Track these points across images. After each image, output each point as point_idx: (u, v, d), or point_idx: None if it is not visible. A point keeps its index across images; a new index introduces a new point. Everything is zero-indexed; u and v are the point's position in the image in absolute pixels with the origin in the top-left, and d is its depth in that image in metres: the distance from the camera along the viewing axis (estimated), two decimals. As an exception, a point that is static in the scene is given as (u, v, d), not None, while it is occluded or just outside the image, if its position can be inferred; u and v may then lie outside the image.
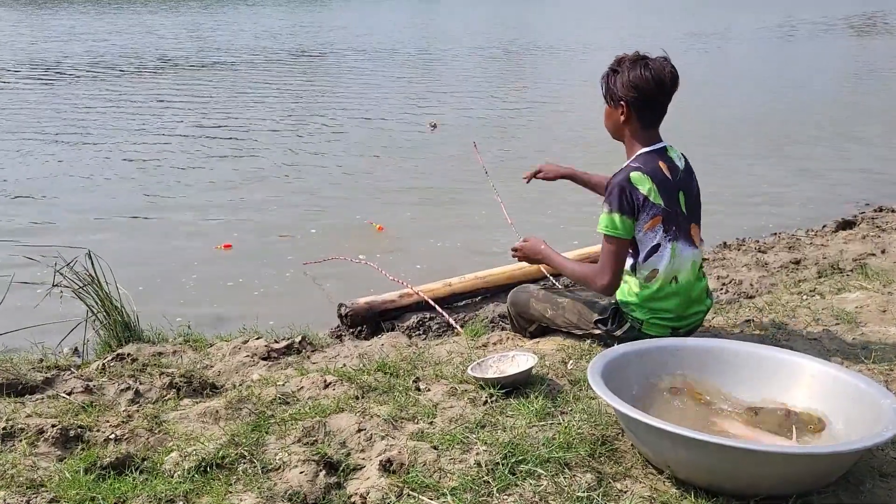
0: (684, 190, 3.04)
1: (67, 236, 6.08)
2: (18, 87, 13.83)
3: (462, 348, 3.34)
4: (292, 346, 3.37)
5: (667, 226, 2.97)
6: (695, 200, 3.11)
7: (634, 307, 3.07)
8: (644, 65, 2.95)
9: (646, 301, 3.03)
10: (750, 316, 3.70)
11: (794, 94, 13.47)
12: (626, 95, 2.97)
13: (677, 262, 3.00)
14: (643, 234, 2.98)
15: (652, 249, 2.98)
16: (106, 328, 3.53)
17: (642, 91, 2.94)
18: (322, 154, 9.11)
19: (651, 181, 2.94)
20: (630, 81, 2.94)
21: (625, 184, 2.94)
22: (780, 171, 8.41)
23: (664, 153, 3.05)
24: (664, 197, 2.96)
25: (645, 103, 2.96)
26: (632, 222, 2.97)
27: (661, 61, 2.98)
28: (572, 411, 2.61)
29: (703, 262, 3.24)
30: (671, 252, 2.98)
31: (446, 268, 5.32)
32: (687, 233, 3.03)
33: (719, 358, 2.64)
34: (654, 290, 3.01)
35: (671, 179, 3.00)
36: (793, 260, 5.11)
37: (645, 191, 2.93)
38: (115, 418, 2.61)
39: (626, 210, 2.94)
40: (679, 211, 3.01)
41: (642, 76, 2.93)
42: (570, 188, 4.26)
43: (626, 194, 2.93)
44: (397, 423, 2.55)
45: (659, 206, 2.95)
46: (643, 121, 3.01)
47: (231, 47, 20.10)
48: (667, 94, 2.98)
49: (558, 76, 15.72)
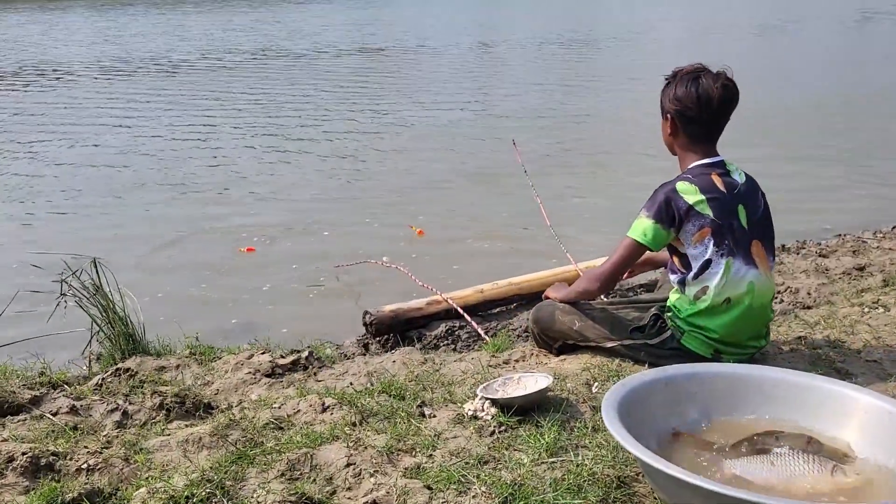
0: (746, 205, 2.82)
1: (89, 233, 6.06)
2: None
3: (478, 366, 3.08)
4: (298, 362, 3.16)
5: (718, 239, 2.74)
6: (761, 217, 2.86)
7: (678, 317, 2.87)
8: (694, 79, 2.80)
9: (691, 317, 2.81)
10: (803, 332, 3.35)
11: (863, 84, 12.75)
12: (671, 109, 2.84)
13: (731, 280, 2.75)
14: (692, 247, 2.77)
15: (704, 265, 2.76)
16: (110, 340, 3.38)
17: (683, 106, 2.80)
18: (361, 154, 8.86)
19: (700, 192, 2.75)
20: (675, 95, 2.82)
21: (669, 192, 2.78)
22: (841, 167, 7.88)
23: (721, 166, 2.86)
24: (715, 209, 2.74)
25: (687, 118, 2.82)
26: (665, 234, 2.79)
27: (714, 77, 2.80)
28: (588, 446, 2.33)
29: (774, 295, 2.99)
30: (724, 268, 2.74)
31: (485, 272, 5.07)
32: (746, 250, 2.78)
33: (757, 389, 2.32)
34: (702, 309, 2.78)
35: (726, 193, 2.79)
36: (857, 266, 4.69)
37: (691, 200, 2.74)
38: (94, 444, 2.44)
39: (663, 219, 2.76)
40: (737, 225, 2.78)
41: (687, 92, 2.80)
42: (610, 191, 4.09)
43: (668, 203, 2.76)
44: (393, 455, 2.30)
45: (707, 217, 2.73)
46: (690, 135, 2.86)
47: (285, 46, 20.15)
48: (712, 112, 2.80)
49: (623, 70, 15.24)
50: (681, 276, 2.83)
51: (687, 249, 2.80)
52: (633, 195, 6.71)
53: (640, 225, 2.82)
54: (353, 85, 13.75)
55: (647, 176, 7.55)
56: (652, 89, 3.30)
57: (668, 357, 2.89)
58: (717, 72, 2.84)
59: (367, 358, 3.34)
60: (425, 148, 9.02)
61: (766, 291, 2.84)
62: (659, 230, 2.77)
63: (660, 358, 2.92)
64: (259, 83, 13.94)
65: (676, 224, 2.76)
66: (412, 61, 16.96)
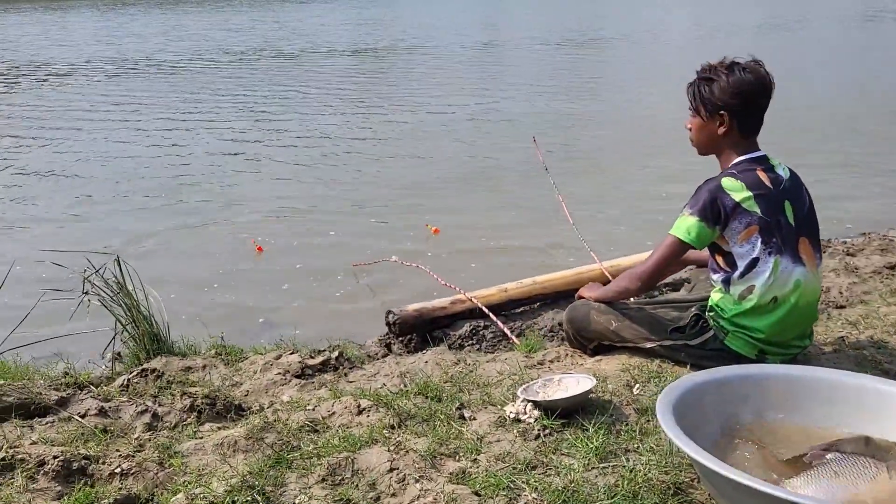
0: (792, 201, 2.73)
1: (97, 232, 5.97)
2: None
3: (514, 367, 3.00)
4: (328, 363, 3.09)
5: (765, 237, 2.65)
6: (807, 213, 2.77)
7: (721, 317, 2.78)
8: (742, 68, 2.70)
9: (736, 317, 2.72)
10: (843, 332, 3.27)
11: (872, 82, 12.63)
12: (727, 103, 2.70)
13: (779, 279, 2.66)
14: (738, 245, 2.68)
15: (751, 264, 2.66)
16: (134, 339, 3.30)
17: (746, 95, 2.69)
18: (376, 151, 8.77)
19: (746, 188, 2.66)
20: (731, 87, 2.69)
21: (714, 189, 2.68)
22: (857, 164, 7.77)
23: (765, 161, 2.77)
24: (762, 206, 2.66)
25: (748, 110, 2.71)
26: (710, 233, 2.70)
27: (754, 63, 2.73)
28: (639, 450, 2.25)
29: (821, 294, 2.91)
30: (772, 267, 2.65)
31: (503, 272, 4.99)
32: (794, 248, 2.70)
33: (813, 392, 2.24)
34: (747, 309, 2.69)
35: (773, 189, 2.70)
36: (887, 264, 4.60)
37: (738, 197, 2.65)
38: (126, 447, 2.36)
39: (708, 217, 2.67)
40: (784, 222, 2.69)
41: (744, 79, 2.68)
42: (633, 188, 3.96)
43: (714, 200, 2.66)
44: (436, 460, 2.23)
45: (755, 215, 2.64)
46: (744, 129, 2.75)
47: (296, 43, 20.08)
48: (768, 97, 2.72)
49: (627, 69, 15.16)
50: (725, 274, 2.75)
51: (732, 248, 2.71)
52: (644, 194, 6.75)
53: (683, 223, 2.73)
54: (354, 85, 13.64)
55: (657, 175, 7.55)
56: (656, 89, 3.22)
57: (710, 358, 2.81)
58: (749, 61, 2.75)
59: (398, 358, 3.26)
60: (432, 146, 8.90)
61: (813, 290, 2.76)
62: (703, 228, 2.69)
63: (701, 359, 2.84)
64: (261, 82, 13.84)
65: (722, 222, 2.68)
66: (412, 60, 16.84)
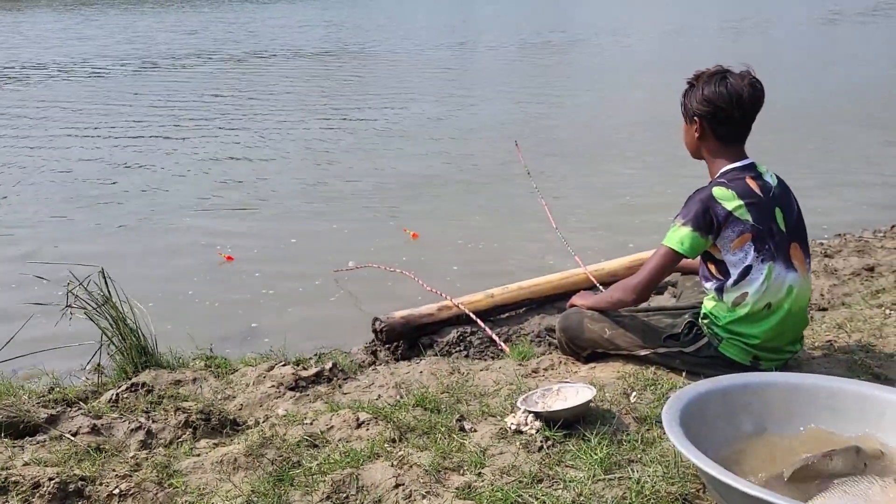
0: (782, 207, 2.76)
1: (67, 246, 5.82)
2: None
3: (509, 376, 3.00)
4: (322, 374, 3.05)
5: (758, 244, 2.68)
6: (797, 219, 2.81)
7: (716, 325, 2.80)
8: (721, 79, 2.74)
9: (730, 324, 2.75)
10: (830, 335, 3.31)
11: (838, 83, 12.80)
12: (699, 111, 2.77)
13: (772, 285, 2.69)
14: (731, 253, 2.70)
15: (744, 272, 2.69)
16: (121, 352, 3.24)
17: (714, 106, 2.73)
18: (349, 156, 8.64)
19: (737, 197, 2.69)
20: (703, 96, 2.75)
21: (706, 199, 2.70)
22: (828, 165, 7.88)
23: (752, 169, 2.79)
24: (754, 214, 2.69)
25: (718, 119, 2.75)
26: (703, 242, 2.72)
27: (740, 76, 2.76)
28: (643, 461, 2.25)
29: (809, 300, 2.95)
30: (766, 274, 2.68)
31: (485, 278, 4.98)
32: (786, 254, 2.73)
33: (812, 399, 2.26)
34: (741, 316, 2.72)
35: (763, 196, 2.72)
36: (865, 266, 4.67)
37: (730, 206, 2.68)
38: (122, 467, 2.31)
39: (701, 227, 2.69)
40: (776, 229, 2.72)
41: (716, 91, 2.73)
42: (617, 193, 3.86)
43: (706, 210, 2.69)
44: (440, 474, 2.21)
45: (747, 223, 2.67)
46: (720, 137, 2.79)
47: (259, 45, 19.91)
48: (743, 111, 2.74)
49: (596, 69, 15.24)
50: (717, 282, 2.77)
51: (724, 256, 2.73)
52: (620, 196, 6.77)
53: (676, 233, 2.75)
54: (321, 88, 13.44)
55: (632, 177, 7.58)
56: (627, 91, 3.24)
57: (705, 365, 2.83)
58: (741, 72, 2.78)
59: (392, 368, 3.23)
60: (404, 149, 8.82)
61: (804, 294, 2.80)
62: (696, 238, 2.71)
63: (696, 366, 2.86)
64: (225, 86, 13.61)
65: (715, 231, 2.70)
66: (378, 63, 16.75)
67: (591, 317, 3.10)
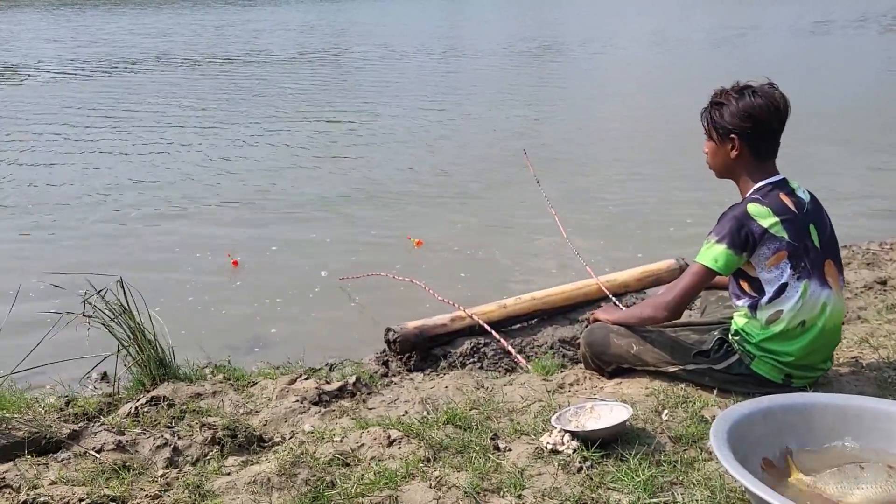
0: (815, 223, 2.73)
1: (79, 253, 5.73)
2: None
3: (537, 391, 2.96)
4: (345, 389, 3.00)
5: (794, 262, 2.65)
6: (829, 235, 2.77)
7: (748, 342, 2.76)
8: (752, 92, 2.69)
9: (763, 342, 2.71)
10: (854, 352, 3.29)
11: (826, 94, 12.78)
12: (738, 126, 2.69)
13: (807, 303, 2.66)
14: (766, 271, 2.66)
15: (780, 289, 2.66)
16: (138, 364, 3.17)
17: (756, 119, 2.67)
18: (351, 163, 8.53)
19: (773, 213, 2.65)
20: (741, 111, 2.68)
21: (741, 216, 2.66)
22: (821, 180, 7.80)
23: (785, 185, 2.75)
24: (790, 231, 2.65)
25: (759, 134, 2.69)
26: (738, 260, 2.68)
27: (767, 87, 2.72)
28: (684, 483, 2.22)
29: (843, 317, 2.93)
30: (801, 292, 2.64)
31: (495, 285, 4.95)
32: (821, 271, 2.70)
33: (857, 420, 2.24)
34: (775, 334, 2.69)
35: (797, 213, 2.69)
36: (878, 279, 4.66)
37: (766, 223, 2.64)
38: (152, 486, 2.26)
39: (737, 244, 2.65)
40: (811, 245, 2.69)
41: (754, 103, 2.67)
42: (621, 204, 3.80)
43: (741, 227, 2.64)
44: (480, 496, 2.17)
45: (783, 240, 2.62)
46: (757, 153, 2.73)
47: (249, 47, 19.81)
48: (781, 120, 2.71)
49: (591, 77, 15.25)
50: (751, 300, 2.73)
51: (759, 273, 2.70)
52: (618, 206, 6.71)
53: (710, 251, 2.71)
54: (315, 93, 13.30)
55: (631, 187, 7.53)
56: (623, 102, 3.19)
57: (736, 382, 2.81)
58: (762, 84, 2.75)
59: (417, 383, 3.19)
60: (399, 156, 8.73)
61: (838, 312, 2.78)
62: (731, 256, 2.67)
63: (726, 383, 2.83)
64: (221, 88, 13.50)
65: (749, 248, 2.67)
66: (371, 66, 16.70)
67: (618, 332, 3.06)
